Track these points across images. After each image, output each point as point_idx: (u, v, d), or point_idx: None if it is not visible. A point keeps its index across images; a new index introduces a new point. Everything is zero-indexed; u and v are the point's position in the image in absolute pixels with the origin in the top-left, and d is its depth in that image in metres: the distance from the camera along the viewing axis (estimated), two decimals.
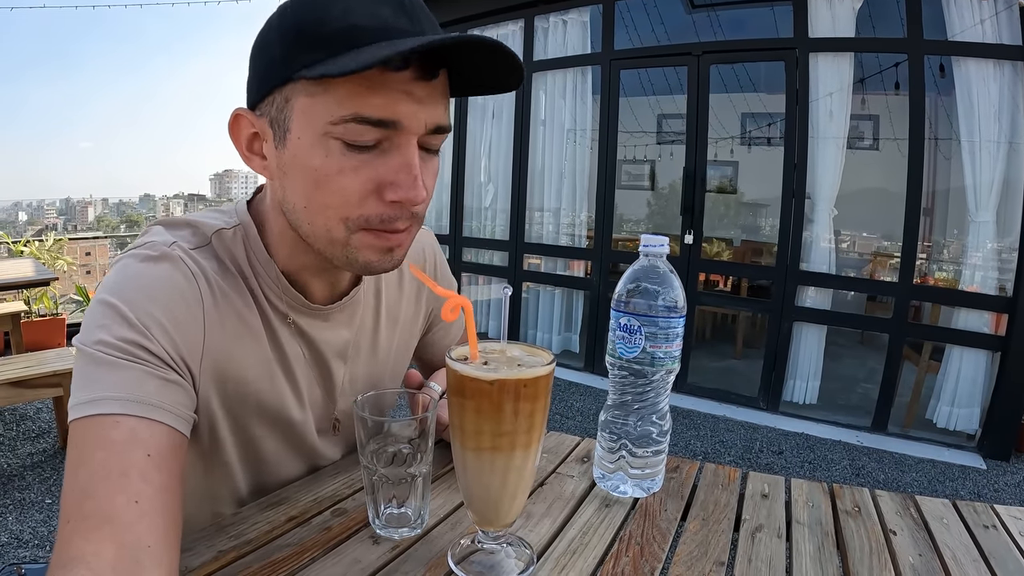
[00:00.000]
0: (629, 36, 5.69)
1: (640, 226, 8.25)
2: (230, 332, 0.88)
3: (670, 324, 0.95)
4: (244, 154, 0.86)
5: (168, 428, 0.76)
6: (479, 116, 6.66)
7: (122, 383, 0.74)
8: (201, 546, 0.84)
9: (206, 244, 0.89)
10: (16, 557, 2.85)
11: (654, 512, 0.98)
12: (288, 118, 0.78)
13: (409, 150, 0.78)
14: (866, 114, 6.32)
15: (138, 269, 0.83)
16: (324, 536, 0.87)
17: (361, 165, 0.77)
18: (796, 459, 4.16)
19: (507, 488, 0.76)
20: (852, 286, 5.22)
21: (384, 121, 0.75)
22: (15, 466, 3.73)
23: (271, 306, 0.93)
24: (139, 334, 0.77)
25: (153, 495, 0.69)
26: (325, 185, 0.78)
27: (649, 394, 0.99)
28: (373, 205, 0.79)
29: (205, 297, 0.85)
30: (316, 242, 0.84)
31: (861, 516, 1.01)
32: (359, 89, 0.73)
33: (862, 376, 5.53)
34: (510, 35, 6.29)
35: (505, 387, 0.71)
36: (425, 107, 0.77)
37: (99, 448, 0.70)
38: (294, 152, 0.79)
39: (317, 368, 1.03)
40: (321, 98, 0.75)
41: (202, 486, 0.98)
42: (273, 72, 0.78)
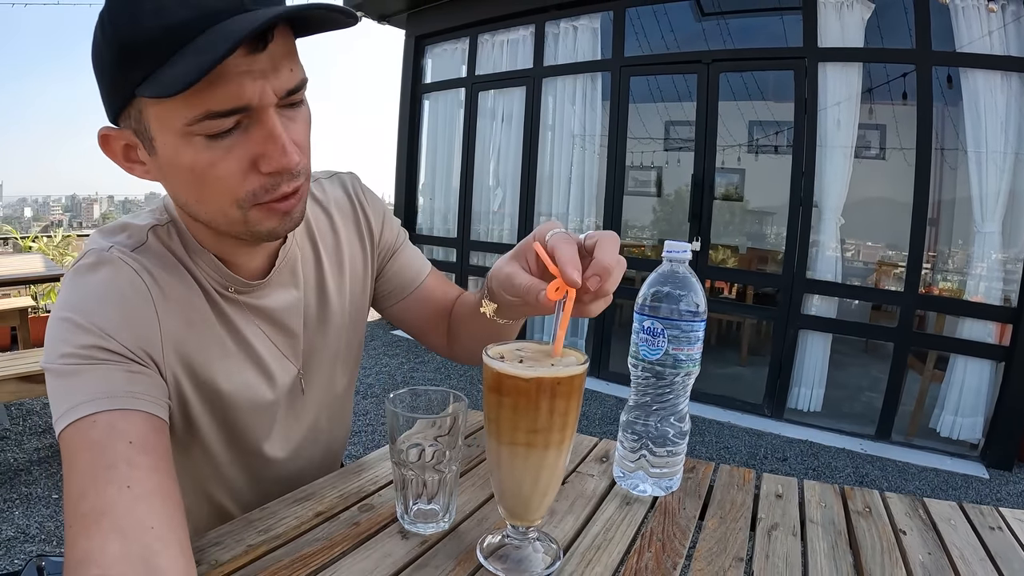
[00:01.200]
0: (639, 43, 5.71)
1: (647, 232, 8.25)
2: (183, 320, 0.90)
3: (692, 327, 0.97)
4: (125, 166, 0.86)
5: (144, 414, 0.77)
6: (488, 120, 6.68)
7: (90, 385, 0.76)
8: (230, 540, 0.85)
9: (143, 243, 0.90)
10: (23, 551, 2.85)
11: (673, 510, 1.00)
12: (148, 127, 0.78)
13: (269, 122, 0.78)
14: (873, 124, 6.33)
15: (82, 281, 0.84)
16: (353, 531, 0.89)
17: (229, 150, 0.78)
18: (800, 466, 4.17)
19: (539, 484, 0.78)
20: (858, 295, 5.22)
21: (235, 109, 0.75)
22: (22, 461, 3.73)
23: (216, 291, 0.95)
24: (96, 337, 0.79)
25: (144, 477, 0.71)
26: (204, 178, 0.79)
27: (669, 396, 1.01)
28: (255, 178, 0.80)
29: (152, 291, 0.86)
30: (218, 226, 0.86)
31: (872, 516, 1.03)
32: (201, 86, 0.70)
33: (866, 384, 5.52)
34: (521, 40, 6.32)
35: (542, 385, 0.72)
36: (270, 79, 0.76)
37: (83, 450, 0.72)
38: (164, 155, 0.79)
39: (278, 335, 1.04)
40: (167, 104, 0.74)
41: (187, 472, 0.99)
42: (116, 90, 0.78)
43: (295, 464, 1.12)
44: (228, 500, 1.06)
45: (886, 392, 4.61)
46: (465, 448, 1.19)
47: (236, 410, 0.99)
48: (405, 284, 1.26)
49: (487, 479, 1.09)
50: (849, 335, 5.29)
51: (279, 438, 1.08)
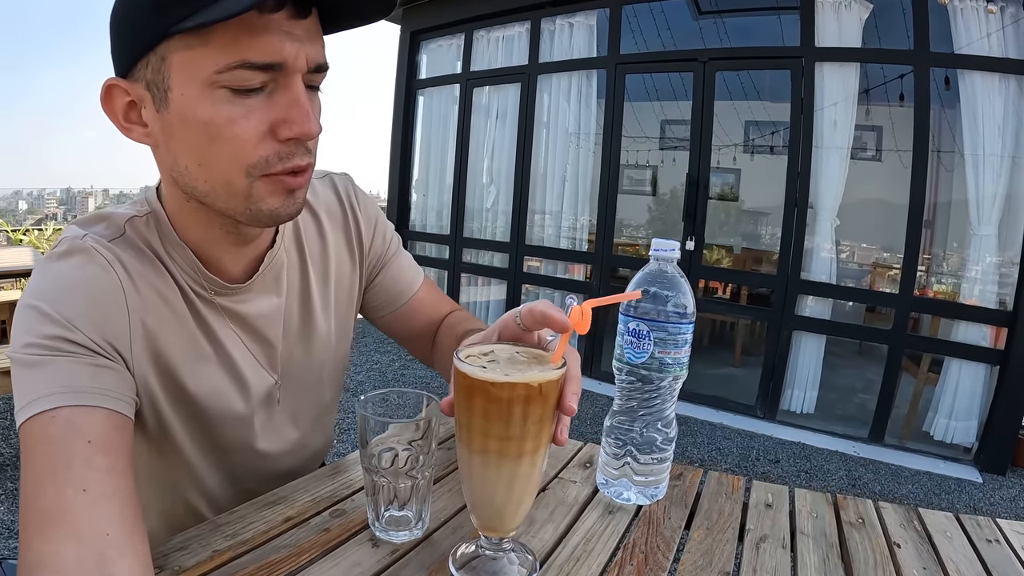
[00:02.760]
0: (635, 41, 5.70)
1: (641, 231, 8.26)
2: (155, 316, 0.87)
3: (680, 329, 0.94)
4: (122, 125, 0.83)
5: (106, 411, 0.75)
6: (483, 116, 6.67)
7: (53, 378, 0.74)
8: (195, 544, 0.83)
9: (120, 235, 0.87)
10: (7, 547, 2.85)
11: (658, 520, 0.97)
12: (167, 77, 0.76)
13: (296, 87, 0.77)
14: (870, 125, 6.33)
15: (53, 268, 0.82)
16: (323, 538, 0.86)
17: (251, 110, 0.76)
18: (792, 468, 4.16)
19: (512, 494, 0.74)
20: (852, 296, 5.22)
21: (270, 64, 0.74)
22: (8, 456, 3.72)
23: (192, 290, 0.92)
24: (62, 328, 0.76)
25: (101, 479, 0.69)
26: (218, 136, 0.77)
27: (656, 401, 0.98)
28: (269, 145, 0.78)
29: (124, 283, 0.83)
30: (216, 200, 0.82)
31: (865, 528, 1.01)
32: (240, 35, 0.72)
33: (860, 387, 5.53)
34: (516, 36, 6.30)
35: (515, 390, 0.69)
36: (305, 46, 0.77)
37: (40, 446, 0.71)
38: (179, 110, 0.77)
39: (254, 343, 1.01)
40: (201, 50, 0.73)
41: (160, 473, 0.97)
42: (142, 34, 0.75)
43: (277, 464, 1.10)
44: (203, 503, 1.04)
45: (880, 395, 4.60)
46: (440, 453, 1.16)
47: (208, 415, 0.96)
48: (395, 297, 1.24)
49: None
50: (843, 337, 5.29)
51: (255, 446, 1.05)
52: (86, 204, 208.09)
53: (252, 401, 1.01)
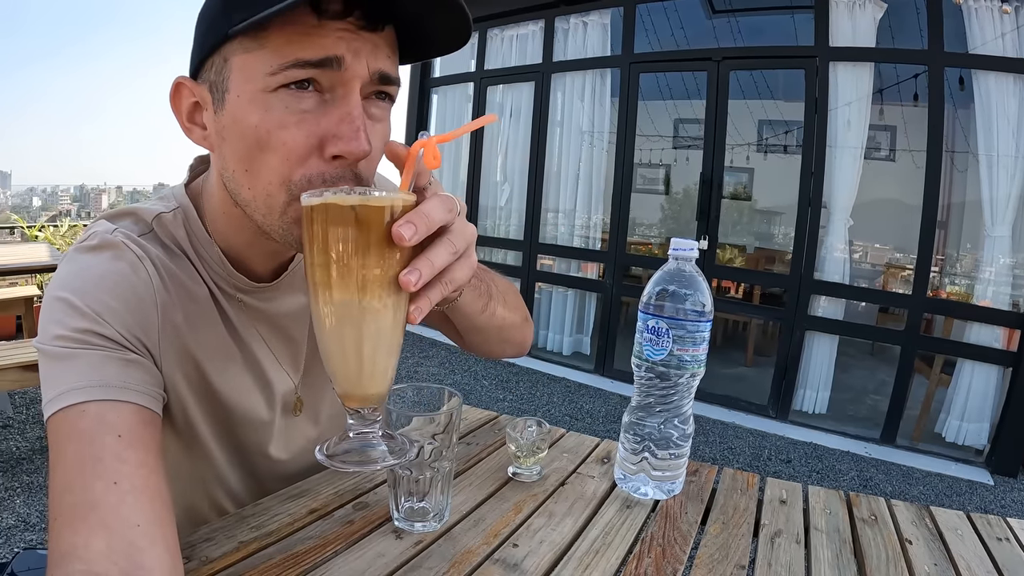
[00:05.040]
0: (649, 40, 5.69)
1: (654, 230, 8.24)
2: (183, 312, 0.87)
3: (698, 327, 0.95)
4: (185, 125, 0.83)
5: (135, 406, 0.75)
6: (497, 115, 6.66)
7: (82, 371, 0.74)
8: (221, 536, 0.85)
9: (148, 231, 0.88)
10: (23, 540, 2.86)
11: (675, 515, 0.99)
12: (227, 79, 0.75)
13: (352, 99, 0.73)
14: (884, 125, 6.30)
15: (83, 260, 0.82)
16: (347, 529, 0.88)
17: (302, 119, 0.73)
18: (804, 468, 4.16)
19: (345, 342, 0.66)
20: (865, 297, 5.21)
21: (325, 60, 0.71)
22: (24, 449, 3.75)
23: (219, 287, 0.92)
24: (91, 321, 0.76)
25: (131, 473, 0.69)
26: (266, 142, 0.74)
27: (673, 397, 0.99)
28: (315, 164, 0.74)
29: (154, 279, 0.83)
30: (255, 212, 0.80)
31: (878, 524, 1.02)
32: (296, 37, 0.70)
33: (872, 387, 5.51)
34: (530, 35, 6.31)
35: (328, 212, 0.62)
36: (368, 55, 0.73)
37: (70, 440, 0.70)
38: (232, 112, 0.75)
39: (279, 342, 1.01)
40: (258, 53, 0.72)
41: (186, 469, 0.97)
42: (212, 34, 0.75)
43: (296, 465, 1.10)
44: (227, 500, 1.04)
45: (892, 396, 4.59)
46: (461, 447, 1.18)
47: (231, 415, 0.97)
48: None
49: (485, 479, 1.08)
50: (856, 337, 5.28)
51: (279, 442, 1.05)
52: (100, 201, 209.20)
53: (274, 406, 1.02)
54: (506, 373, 5.84)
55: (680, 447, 1.02)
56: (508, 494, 1.03)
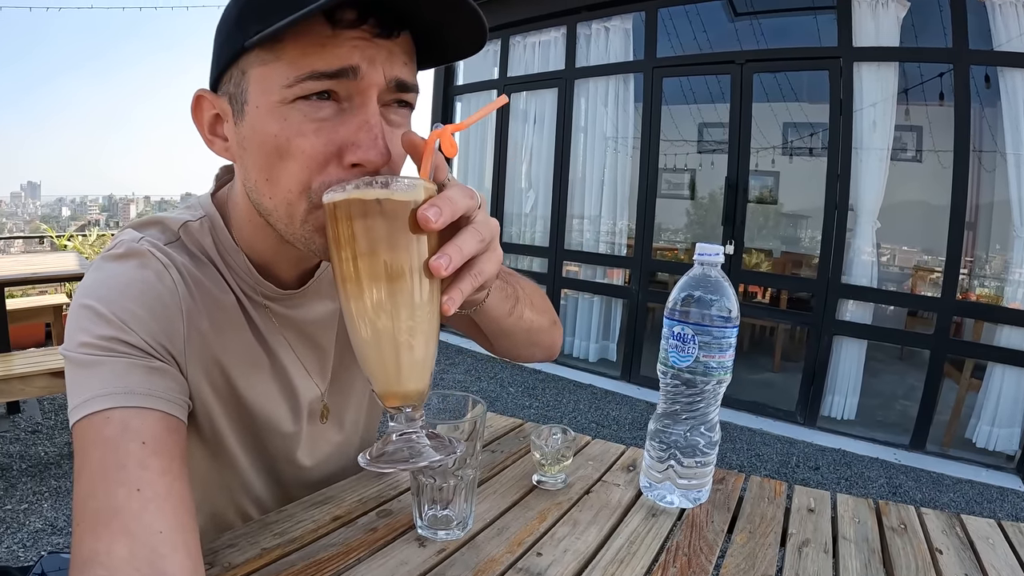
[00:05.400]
0: (671, 44, 5.69)
1: (680, 235, 8.20)
2: (210, 320, 0.87)
3: (724, 333, 0.95)
4: (207, 137, 0.84)
5: (160, 413, 0.75)
6: (520, 122, 6.70)
7: (107, 379, 0.74)
8: (244, 542, 0.85)
9: (175, 239, 0.88)
10: (50, 543, 2.90)
11: (701, 523, 0.98)
12: (245, 91, 0.76)
13: (369, 107, 0.73)
14: (909, 125, 6.23)
15: (109, 268, 0.83)
16: (370, 537, 0.88)
17: (320, 127, 0.73)
18: (832, 475, 4.11)
19: (381, 335, 0.65)
20: (893, 300, 5.14)
21: (341, 71, 0.71)
22: (52, 454, 3.81)
23: (246, 295, 0.92)
24: (117, 329, 0.77)
25: (154, 480, 0.69)
26: (285, 150, 0.74)
27: (700, 404, 0.98)
28: (334, 171, 0.74)
29: (180, 287, 0.84)
30: (277, 221, 0.80)
31: (907, 534, 1.00)
32: (312, 48, 0.70)
33: (901, 393, 5.45)
34: (552, 42, 6.32)
35: (351, 207, 0.62)
36: (384, 63, 0.73)
37: (95, 447, 0.71)
38: (252, 123, 0.76)
39: (306, 349, 1.02)
40: (274, 65, 0.72)
41: (211, 475, 0.97)
42: (228, 46, 0.76)
43: (321, 471, 1.10)
44: (251, 506, 1.05)
45: (921, 401, 4.52)
46: (484, 455, 1.18)
47: (257, 423, 0.97)
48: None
49: (509, 486, 1.08)
50: (884, 342, 5.21)
51: (304, 449, 1.05)
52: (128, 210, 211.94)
53: (300, 413, 1.02)
54: (532, 380, 5.84)
55: (707, 455, 1.01)
56: (532, 502, 1.02)
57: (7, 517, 3.11)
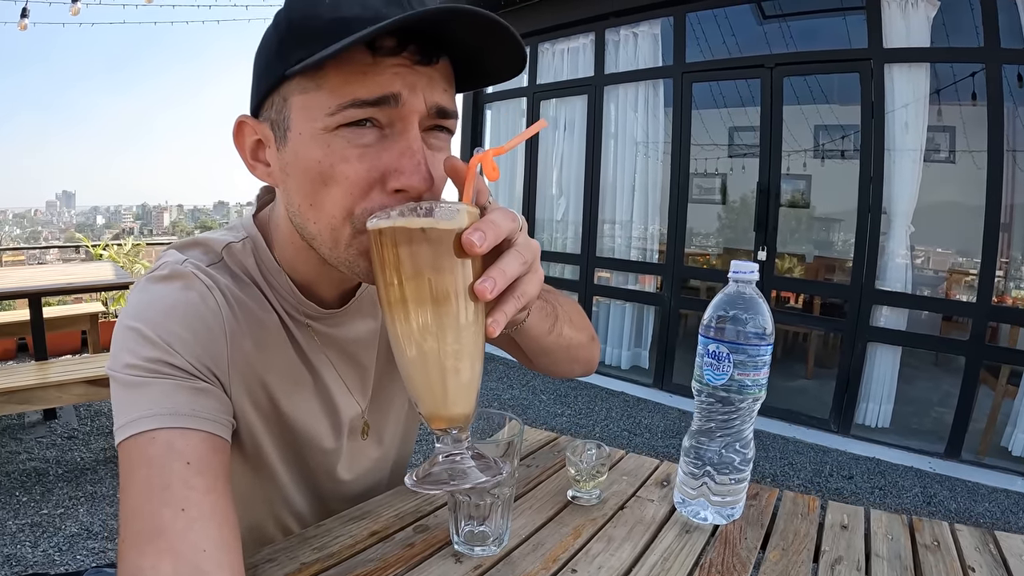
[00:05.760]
0: (700, 48, 5.66)
1: (711, 240, 8.16)
2: (253, 341, 0.89)
3: (759, 351, 0.95)
4: (248, 163, 0.85)
5: (204, 434, 0.77)
6: (551, 128, 6.70)
7: (153, 400, 0.76)
8: (283, 556, 0.87)
9: (218, 261, 0.90)
10: (86, 547, 2.96)
11: (734, 540, 0.98)
12: (287, 117, 0.77)
13: (411, 133, 0.74)
14: (942, 126, 6.15)
15: (154, 290, 0.84)
16: (407, 552, 0.89)
17: (363, 153, 0.74)
18: (866, 485, 4.06)
19: (427, 356, 0.65)
20: (928, 305, 5.07)
21: (382, 98, 0.72)
22: (88, 460, 3.89)
23: (288, 314, 0.94)
24: (162, 351, 0.78)
25: (199, 499, 0.71)
26: (329, 176, 0.75)
27: (735, 422, 0.99)
28: (377, 197, 0.75)
29: (223, 308, 0.85)
30: (321, 245, 0.81)
31: (940, 551, 1.00)
32: (353, 76, 0.71)
33: (936, 400, 5.36)
34: (581, 48, 6.32)
35: (396, 235, 0.63)
36: (425, 89, 0.74)
37: (140, 466, 0.73)
38: (295, 149, 0.77)
39: (347, 367, 1.03)
40: (315, 93, 0.74)
41: (253, 490, 0.99)
42: (269, 74, 0.77)
43: (360, 485, 1.12)
44: (291, 520, 1.06)
45: (957, 408, 4.44)
46: (520, 470, 1.19)
47: (298, 440, 0.99)
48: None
49: (544, 502, 1.08)
50: (919, 348, 5.13)
51: (344, 464, 1.07)
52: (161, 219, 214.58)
53: (341, 430, 1.03)
54: (564, 388, 5.83)
55: (741, 471, 1.01)
56: (567, 518, 1.03)
57: (43, 521, 3.17)
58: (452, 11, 0.67)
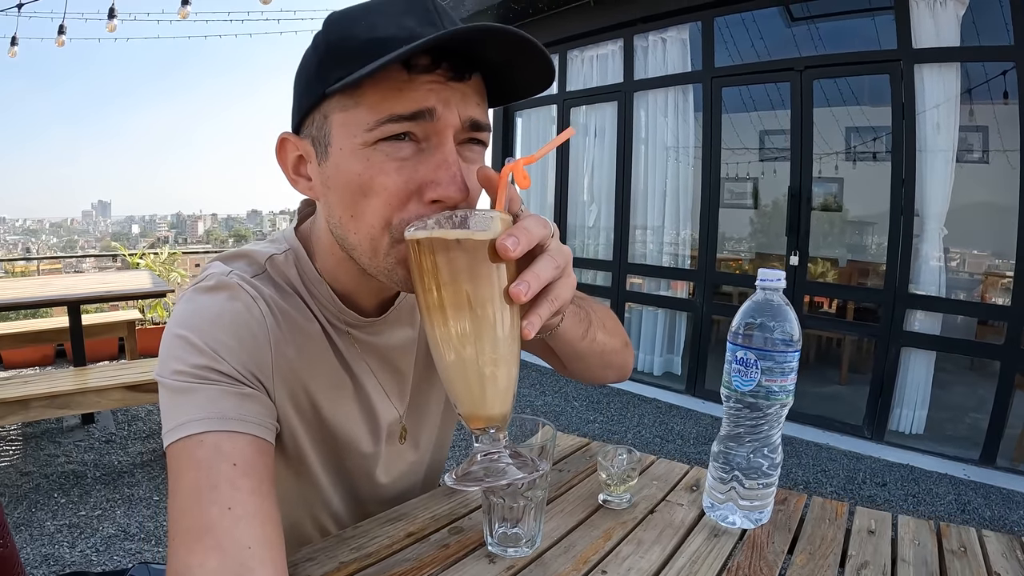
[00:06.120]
0: (729, 53, 5.64)
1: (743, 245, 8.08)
2: (296, 348, 0.92)
3: (786, 358, 0.96)
4: (291, 177, 0.88)
5: (250, 437, 0.80)
6: (581, 135, 6.72)
7: (201, 404, 0.78)
8: (323, 556, 0.90)
9: (262, 272, 0.93)
10: (122, 548, 3.03)
11: (762, 544, 0.99)
12: (328, 134, 0.80)
13: (446, 147, 0.77)
14: (974, 126, 6.05)
15: (201, 300, 0.87)
16: (442, 553, 0.92)
17: (401, 166, 0.77)
18: (900, 492, 4.02)
19: (466, 358, 0.68)
20: (962, 310, 4.98)
21: (418, 113, 0.75)
22: (125, 464, 3.98)
23: (330, 323, 0.96)
24: (209, 359, 0.81)
25: (245, 499, 0.74)
26: (368, 188, 0.78)
27: (763, 427, 1.00)
28: (414, 207, 0.78)
29: (267, 317, 0.88)
30: (361, 256, 0.84)
31: (967, 557, 1.00)
32: (389, 93, 0.74)
33: (971, 405, 5.26)
34: (610, 55, 6.33)
35: (433, 244, 0.66)
36: (458, 103, 0.77)
37: (188, 469, 0.75)
38: (336, 163, 0.80)
39: (386, 374, 1.06)
40: (354, 111, 0.77)
41: (293, 491, 1.02)
42: (309, 93, 0.80)
43: (396, 489, 1.15)
44: (329, 521, 1.09)
45: (992, 414, 4.37)
46: (553, 475, 1.21)
47: (338, 443, 1.02)
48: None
49: (576, 505, 1.10)
50: (953, 352, 5.03)
51: (382, 468, 1.10)
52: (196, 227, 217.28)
53: (379, 435, 1.06)
54: (596, 394, 5.83)
55: (769, 476, 1.02)
56: (598, 521, 1.05)
57: (81, 522, 3.25)
58: (484, 30, 0.70)
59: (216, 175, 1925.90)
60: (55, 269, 11.42)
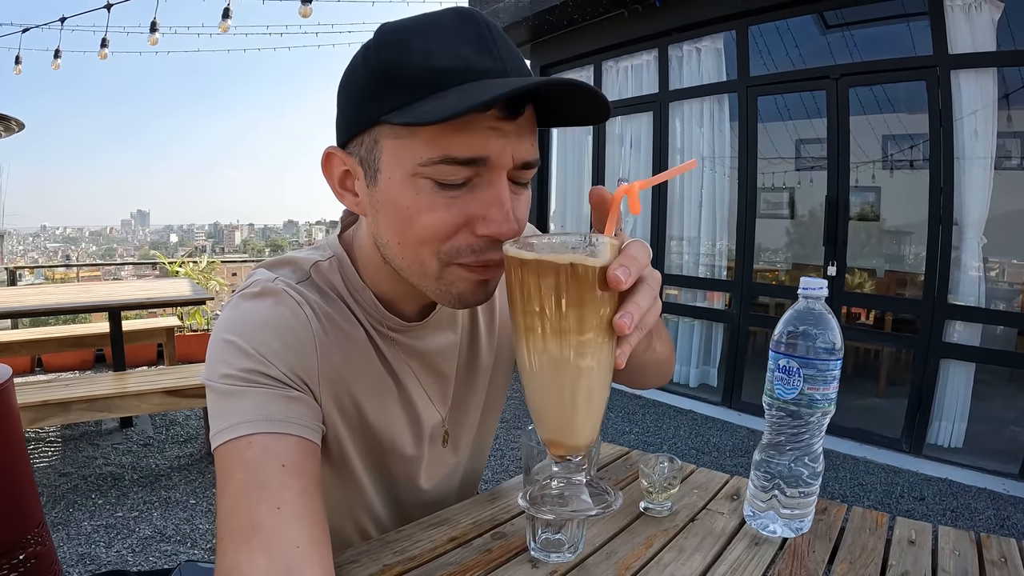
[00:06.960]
0: (764, 61, 5.61)
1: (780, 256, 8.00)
2: (341, 353, 0.93)
3: (828, 366, 0.97)
4: (337, 191, 0.88)
5: (298, 439, 0.81)
6: (616, 145, 6.73)
7: (249, 407, 0.80)
8: (367, 559, 0.91)
9: (307, 278, 0.94)
10: (159, 550, 3.07)
11: (802, 553, 0.99)
12: (378, 159, 0.79)
13: (499, 185, 0.77)
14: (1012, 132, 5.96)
15: (248, 306, 0.88)
16: (485, 557, 0.93)
17: (451, 202, 0.77)
18: (938, 507, 3.96)
19: (561, 387, 0.67)
20: (1003, 320, 4.88)
21: (473, 159, 0.75)
22: (163, 467, 4.05)
23: (374, 328, 0.98)
24: (257, 363, 0.83)
25: (293, 499, 0.75)
26: (417, 222, 0.78)
27: (804, 435, 1.00)
28: (465, 237, 0.79)
29: (313, 323, 0.89)
30: (410, 276, 0.86)
31: (1007, 567, 0.99)
32: (446, 131, 0.73)
33: (1011, 418, 5.17)
34: (645, 65, 6.32)
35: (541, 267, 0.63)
36: (512, 142, 0.76)
37: (238, 469, 0.77)
38: (385, 191, 0.80)
39: (429, 378, 1.07)
40: (408, 140, 0.76)
41: (336, 494, 1.03)
42: (360, 114, 0.80)
43: (436, 493, 1.16)
44: (370, 524, 1.11)
45: None
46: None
47: (382, 447, 1.03)
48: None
49: (618, 512, 1.11)
50: (993, 364, 4.93)
51: (423, 472, 1.11)
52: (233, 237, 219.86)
53: (422, 438, 1.08)
54: (632, 405, 5.82)
55: (810, 485, 1.03)
56: (639, 528, 1.06)
57: (118, 523, 3.31)
58: (574, 86, 0.72)
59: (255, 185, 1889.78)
60: (94, 276, 11.65)
